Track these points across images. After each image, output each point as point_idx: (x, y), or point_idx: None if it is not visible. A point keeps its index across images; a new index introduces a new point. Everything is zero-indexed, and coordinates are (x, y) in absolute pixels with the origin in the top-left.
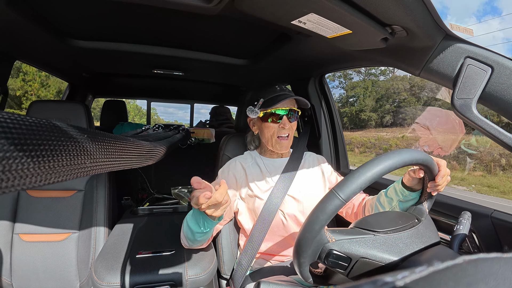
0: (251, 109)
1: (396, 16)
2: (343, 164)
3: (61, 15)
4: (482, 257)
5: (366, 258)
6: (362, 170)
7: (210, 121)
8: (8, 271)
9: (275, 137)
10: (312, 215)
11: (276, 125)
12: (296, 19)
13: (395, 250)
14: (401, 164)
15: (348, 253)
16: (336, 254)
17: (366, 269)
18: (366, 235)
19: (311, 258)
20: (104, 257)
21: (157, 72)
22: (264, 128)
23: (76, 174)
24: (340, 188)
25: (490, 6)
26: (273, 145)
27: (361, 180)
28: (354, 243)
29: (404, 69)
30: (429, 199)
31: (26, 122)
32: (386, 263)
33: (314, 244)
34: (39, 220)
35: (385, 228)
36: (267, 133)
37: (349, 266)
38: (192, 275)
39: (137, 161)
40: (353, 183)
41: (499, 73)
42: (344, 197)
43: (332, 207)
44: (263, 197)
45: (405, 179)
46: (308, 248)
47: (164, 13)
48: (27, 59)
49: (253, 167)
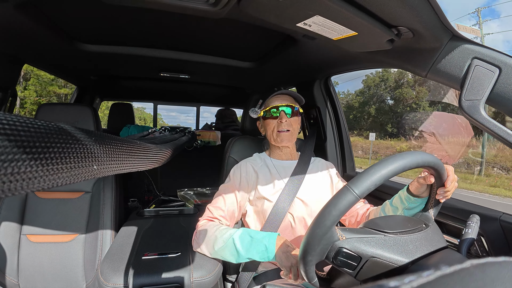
0: (252, 110)
1: (402, 18)
2: (349, 167)
3: (70, 19)
4: (490, 261)
5: (376, 258)
6: (377, 167)
7: (216, 123)
8: (15, 271)
9: (275, 131)
10: (324, 210)
11: (275, 120)
12: (301, 22)
13: (405, 251)
14: (414, 165)
15: (359, 252)
16: (346, 253)
17: (375, 270)
18: (376, 235)
19: (319, 256)
20: (110, 258)
21: (163, 75)
22: (266, 126)
23: (83, 176)
24: (354, 183)
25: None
26: (274, 139)
27: (376, 177)
28: (365, 242)
29: (410, 70)
30: (435, 207)
31: (35, 125)
32: (396, 264)
33: (324, 241)
34: (46, 221)
35: (394, 229)
36: (268, 130)
37: (358, 265)
38: (197, 277)
39: (143, 164)
40: (368, 179)
41: (507, 74)
42: (358, 193)
43: (345, 202)
44: (272, 199)
45: (412, 187)
46: (317, 246)
47: (171, 17)
48: (36, 62)
49: (262, 169)
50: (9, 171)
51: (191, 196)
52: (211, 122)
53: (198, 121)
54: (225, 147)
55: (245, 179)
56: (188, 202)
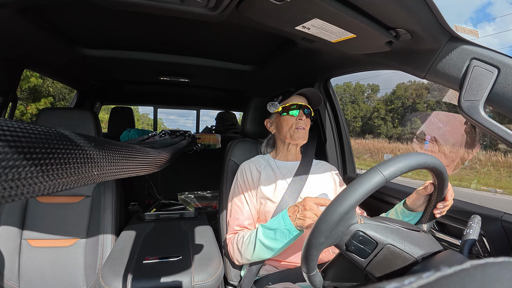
0: (271, 103)
1: (400, 19)
2: (349, 169)
3: (70, 24)
4: (490, 261)
5: (393, 246)
6: (405, 157)
7: (216, 126)
8: (16, 276)
9: (294, 128)
10: (348, 189)
11: (294, 117)
12: (300, 25)
13: (419, 245)
14: (432, 166)
15: (376, 238)
16: (363, 237)
17: (388, 260)
18: (391, 225)
19: (333, 239)
20: (111, 262)
21: (163, 79)
22: (282, 122)
23: (83, 182)
24: (382, 166)
25: (483, 12)
26: (291, 135)
27: (403, 164)
28: (382, 230)
29: (409, 72)
30: (429, 221)
31: (35, 131)
32: (411, 255)
33: (343, 223)
34: (47, 226)
35: (404, 225)
36: (285, 126)
37: (372, 253)
38: (198, 281)
39: (143, 168)
40: (397, 164)
41: (505, 74)
42: (386, 175)
43: (372, 183)
44: (275, 199)
45: (409, 200)
46: (334, 226)
47: (170, 21)
48: (36, 67)
49: (266, 169)
50: (10, 177)
51: (192, 199)
52: (211, 125)
53: (198, 124)
54: (226, 150)
55: (250, 180)
56: (189, 205)
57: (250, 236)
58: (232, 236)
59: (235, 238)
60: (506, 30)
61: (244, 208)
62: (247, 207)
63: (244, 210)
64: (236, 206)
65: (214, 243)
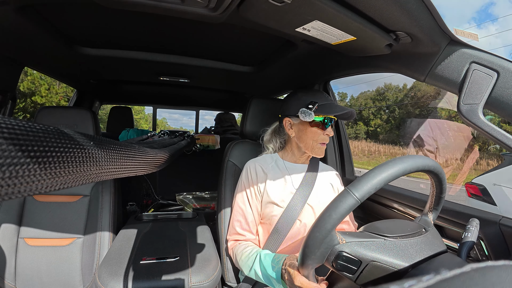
0: (306, 112)
1: (400, 22)
2: (348, 171)
3: (70, 23)
4: (490, 265)
5: (377, 262)
6: (377, 171)
7: (215, 127)
8: (12, 275)
9: (318, 142)
10: (324, 214)
11: (322, 131)
12: (300, 27)
13: (405, 255)
14: (414, 169)
15: (359, 256)
16: (346, 257)
17: (375, 274)
18: (376, 238)
19: (319, 260)
20: (108, 262)
21: (163, 79)
22: (308, 132)
23: (81, 180)
24: (355, 187)
25: (485, 13)
26: (313, 148)
27: (376, 180)
28: (365, 246)
29: (409, 75)
30: (434, 210)
31: (34, 129)
32: (396, 268)
33: (324, 245)
34: (44, 225)
35: (394, 233)
36: (310, 138)
37: (358, 269)
38: (196, 282)
39: (142, 168)
40: (368, 182)
41: (505, 78)
42: (359, 196)
43: (346, 206)
44: (282, 204)
45: None
46: (316, 249)
47: (171, 21)
48: (36, 65)
49: (273, 170)
50: (7, 175)
51: (190, 200)
52: (211, 126)
53: (197, 124)
54: (224, 151)
55: (256, 181)
56: (187, 206)
57: (249, 257)
58: (233, 243)
59: (236, 248)
60: (507, 30)
61: (247, 211)
62: (250, 209)
63: (246, 213)
64: (238, 207)
65: (212, 244)
